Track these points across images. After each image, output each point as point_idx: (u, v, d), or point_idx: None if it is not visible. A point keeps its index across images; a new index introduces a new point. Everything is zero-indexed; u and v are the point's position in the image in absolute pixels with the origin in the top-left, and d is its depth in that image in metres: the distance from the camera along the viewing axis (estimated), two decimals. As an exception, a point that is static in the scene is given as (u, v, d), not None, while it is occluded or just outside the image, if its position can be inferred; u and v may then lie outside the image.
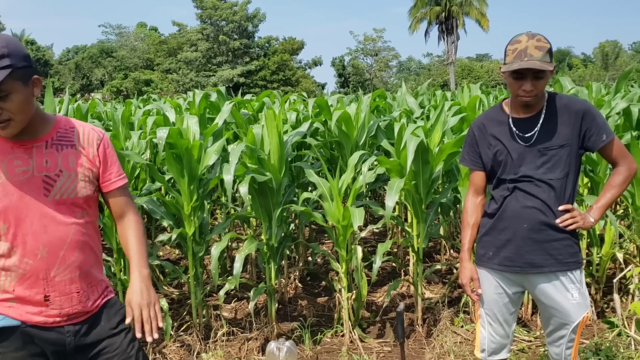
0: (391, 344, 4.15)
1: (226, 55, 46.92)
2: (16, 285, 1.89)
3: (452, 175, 4.55)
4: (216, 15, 45.77)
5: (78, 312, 1.97)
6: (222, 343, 4.07)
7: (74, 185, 1.94)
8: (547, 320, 2.65)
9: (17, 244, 1.87)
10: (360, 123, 4.82)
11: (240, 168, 3.90)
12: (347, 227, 3.98)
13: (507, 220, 2.58)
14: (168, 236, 4.38)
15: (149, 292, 2.00)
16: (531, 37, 2.41)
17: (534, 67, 2.34)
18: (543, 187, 2.51)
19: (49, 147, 1.92)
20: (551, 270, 2.53)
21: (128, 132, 4.95)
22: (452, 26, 47.99)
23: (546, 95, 2.57)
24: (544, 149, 2.50)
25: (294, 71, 48.39)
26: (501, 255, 2.61)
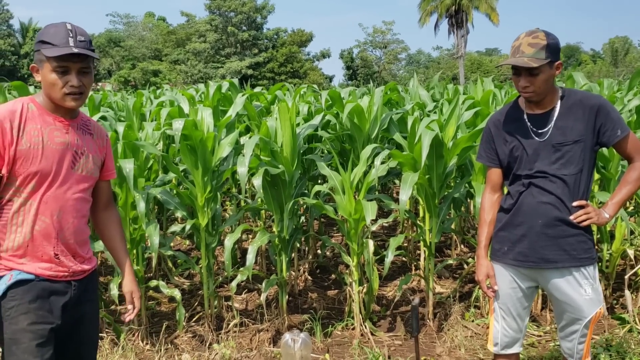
0: (402, 337, 4.16)
1: (234, 46, 46.86)
2: (30, 241, 2.10)
3: (465, 170, 4.54)
4: (225, 6, 45.68)
5: (79, 270, 2.23)
6: (233, 334, 4.09)
7: (91, 166, 2.25)
8: (560, 315, 2.66)
9: (41, 203, 2.10)
10: (373, 116, 4.81)
11: (254, 160, 3.91)
12: (358, 220, 3.98)
13: (522, 215, 2.59)
14: (180, 227, 4.41)
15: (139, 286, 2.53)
16: (529, 34, 2.44)
17: (518, 63, 2.39)
18: (557, 183, 2.51)
19: (79, 129, 2.23)
20: (565, 266, 2.54)
21: (140, 123, 4.97)
22: (462, 20, 47.70)
23: (560, 91, 2.58)
24: (558, 145, 2.50)
25: (302, 63, 48.26)
26: (516, 251, 2.62)
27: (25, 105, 2.12)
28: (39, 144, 2.08)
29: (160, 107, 5.55)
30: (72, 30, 2.08)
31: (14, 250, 2.10)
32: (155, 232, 3.74)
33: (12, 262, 2.09)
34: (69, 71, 2.07)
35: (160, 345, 3.96)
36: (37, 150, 2.07)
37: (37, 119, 2.11)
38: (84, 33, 2.13)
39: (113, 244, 2.47)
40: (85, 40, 2.10)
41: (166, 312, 4.75)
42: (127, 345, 3.94)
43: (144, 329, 4.15)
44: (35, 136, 2.08)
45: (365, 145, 4.66)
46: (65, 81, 2.07)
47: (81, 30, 2.12)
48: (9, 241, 2.09)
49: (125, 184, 3.78)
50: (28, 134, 2.07)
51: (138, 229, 3.96)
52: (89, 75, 2.13)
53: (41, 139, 2.09)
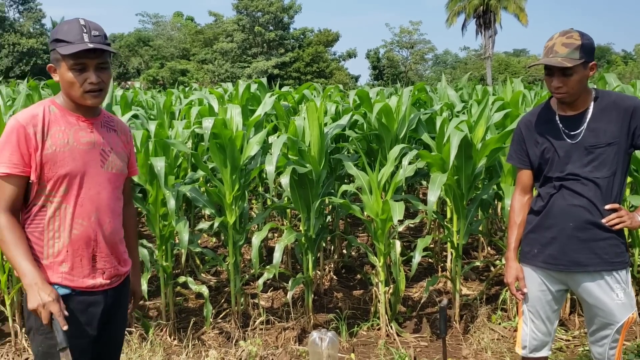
0: (428, 339, 4.15)
1: (261, 46, 47.07)
2: (69, 245, 2.07)
3: (494, 171, 4.50)
4: (252, 6, 45.91)
5: (115, 275, 2.21)
6: (259, 331, 4.13)
7: (120, 163, 2.23)
8: (591, 320, 2.62)
9: (76, 206, 2.07)
10: (401, 116, 4.79)
11: (282, 159, 3.93)
12: (385, 220, 3.98)
13: (553, 218, 2.56)
14: (208, 224, 4.46)
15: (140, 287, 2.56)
16: (563, 34, 2.42)
17: (552, 63, 2.35)
18: (589, 186, 2.48)
19: (103, 127, 2.20)
20: (596, 270, 2.51)
21: (171, 122, 5.03)
22: (489, 20, 47.20)
23: (593, 92, 2.54)
24: (590, 147, 2.47)
25: (327, 63, 48.26)
26: (546, 253, 2.59)
27: (47, 108, 2.08)
28: (65, 145, 2.05)
29: (190, 106, 5.61)
30: (86, 26, 2.03)
31: (54, 256, 2.06)
32: (185, 229, 3.79)
33: (51, 272, 2.05)
34: (86, 68, 2.03)
35: (187, 341, 4.01)
36: (64, 152, 2.04)
37: (61, 121, 2.07)
38: (98, 27, 2.07)
39: (129, 242, 2.41)
40: (100, 34, 2.05)
41: (193, 308, 4.80)
42: (156, 340, 4.00)
43: (172, 325, 4.21)
44: (61, 138, 2.04)
45: (393, 145, 4.65)
46: (84, 79, 2.03)
47: (95, 25, 2.07)
48: (48, 248, 2.06)
49: (156, 181, 3.84)
50: (53, 137, 2.03)
51: (168, 226, 4.01)
52: (106, 70, 2.09)
53: (67, 141, 2.05)
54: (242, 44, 46.94)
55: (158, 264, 4.14)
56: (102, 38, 2.05)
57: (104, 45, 2.03)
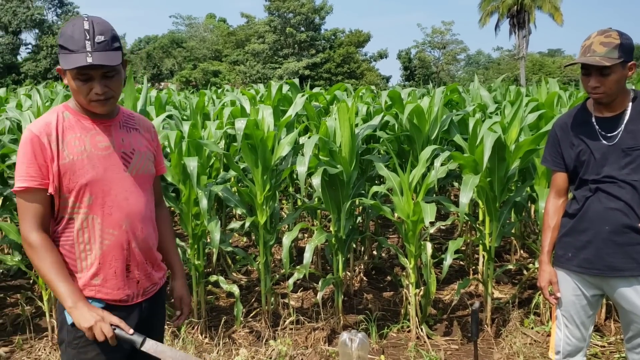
0: (458, 342, 4.11)
1: (292, 47, 47.29)
2: (101, 257, 1.96)
3: (527, 173, 4.43)
4: (284, 7, 46.16)
5: (150, 284, 2.12)
6: (290, 331, 4.14)
7: (145, 163, 2.10)
8: (628, 326, 2.57)
9: (104, 216, 1.95)
10: (433, 117, 4.77)
11: (313, 160, 3.94)
12: (417, 222, 3.96)
13: (588, 221, 2.51)
14: (239, 224, 4.50)
15: (189, 290, 2.41)
16: (601, 34, 2.37)
17: (589, 62, 2.31)
18: (627, 189, 2.42)
19: (121, 127, 2.07)
20: (633, 275, 2.45)
21: (204, 122, 5.09)
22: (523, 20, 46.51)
23: (632, 94, 2.49)
24: (628, 149, 2.41)
25: (359, 64, 48.21)
26: (581, 257, 2.55)
27: (60, 114, 1.96)
28: (83, 153, 1.92)
29: (223, 107, 5.67)
30: (90, 30, 1.85)
31: (87, 269, 1.97)
32: (217, 228, 3.83)
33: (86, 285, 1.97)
34: (91, 78, 1.88)
35: (218, 339, 4.05)
36: (82, 160, 1.92)
37: (76, 127, 1.95)
38: (104, 30, 1.88)
39: (164, 244, 2.29)
40: (105, 39, 1.86)
41: (224, 307, 4.85)
42: (187, 337, 4.05)
43: (203, 323, 4.26)
44: (77, 146, 1.92)
45: (424, 146, 4.62)
46: (89, 88, 1.89)
47: (101, 27, 1.88)
48: (80, 261, 1.97)
49: (189, 181, 3.89)
50: (69, 145, 1.91)
51: (200, 225, 4.07)
52: (115, 77, 1.92)
53: (84, 148, 1.93)
54: (274, 45, 47.24)
55: (190, 262, 4.20)
56: (108, 43, 1.87)
57: (107, 58, 1.85)
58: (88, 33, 1.84)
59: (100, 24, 1.88)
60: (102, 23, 1.89)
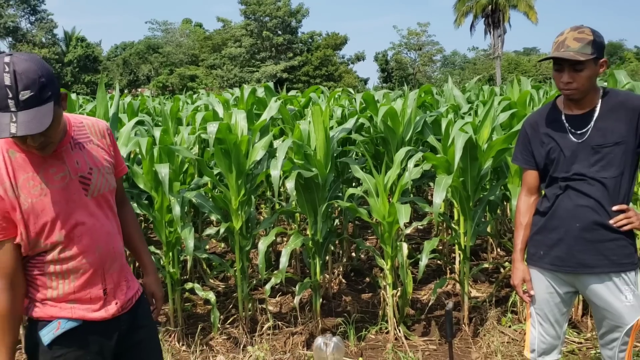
0: (436, 342, 4.11)
1: (270, 50, 47.21)
2: (76, 286, 1.91)
3: (501, 172, 4.46)
4: (260, 11, 46.06)
5: (127, 300, 2.05)
6: (267, 336, 4.12)
7: (106, 178, 2.00)
8: (600, 322, 2.58)
9: (74, 246, 1.88)
10: (407, 118, 4.78)
11: (287, 163, 3.93)
12: (392, 223, 3.96)
13: (559, 219, 2.53)
14: (215, 230, 4.45)
15: (161, 286, 2.38)
16: (574, 30, 2.38)
17: (564, 56, 2.31)
18: (596, 186, 2.44)
19: (73, 148, 1.93)
20: (604, 271, 2.46)
21: (177, 128, 5.05)
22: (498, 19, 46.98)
23: (601, 91, 2.50)
24: (597, 147, 2.43)
25: (336, 66, 48.31)
26: (552, 255, 2.56)
27: (6, 154, 1.80)
28: (41, 193, 1.81)
29: (195, 111, 5.62)
30: (12, 86, 1.60)
31: (61, 298, 1.90)
32: (191, 235, 3.78)
33: (58, 309, 1.90)
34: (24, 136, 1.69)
35: (195, 346, 4.01)
36: (42, 201, 1.81)
37: (26, 165, 1.81)
38: (29, 80, 1.62)
39: (132, 243, 2.27)
40: (31, 93, 1.62)
41: (202, 314, 4.80)
42: (164, 346, 4.00)
43: (180, 330, 4.21)
44: (33, 187, 1.80)
45: (399, 147, 4.63)
46: (24, 140, 1.74)
47: (27, 76, 1.62)
48: (53, 290, 1.90)
49: (160, 188, 3.84)
50: (24, 189, 1.79)
51: (174, 232, 4.02)
52: (50, 129, 1.73)
53: (40, 187, 1.81)
54: (251, 49, 47.12)
55: (165, 270, 4.15)
56: (36, 96, 1.63)
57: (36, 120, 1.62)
58: (10, 90, 1.60)
59: (26, 73, 1.62)
60: (27, 71, 1.62)
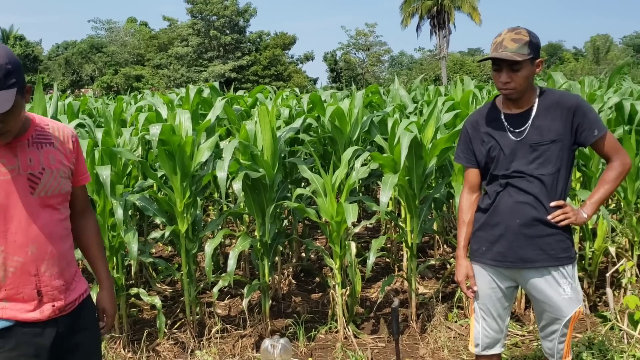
0: (385, 339, 4.15)
1: (217, 50, 46.74)
2: (7, 284, 1.86)
3: (445, 170, 4.54)
4: (207, 10, 45.54)
5: (67, 303, 1.99)
6: (215, 340, 4.06)
7: (57, 181, 1.96)
8: (540, 315, 2.66)
9: (7, 243, 1.85)
10: (354, 118, 4.81)
11: (234, 164, 3.88)
12: (340, 222, 3.97)
13: (499, 215, 2.58)
14: (161, 233, 4.36)
15: (115, 302, 2.31)
16: (511, 31, 2.44)
17: (502, 56, 2.37)
18: (535, 183, 2.50)
19: (31, 145, 1.92)
20: (543, 265, 2.53)
21: (119, 129, 4.92)
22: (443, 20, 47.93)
23: (538, 90, 2.58)
24: (535, 145, 2.50)
25: (285, 66, 48.27)
26: (494, 250, 2.61)
27: None
28: None
29: (139, 112, 5.50)
30: None
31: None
32: (134, 239, 3.69)
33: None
34: None
35: (141, 353, 3.91)
36: None
37: None
38: None
39: (90, 254, 2.24)
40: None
41: (148, 319, 4.69)
42: (108, 353, 3.89)
43: (126, 337, 4.10)
44: None
45: (346, 147, 4.65)
46: None
47: None
48: None
49: (102, 191, 3.73)
50: None
51: (117, 237, 3.91)
52: (12, 112, 1.74)
53: None
54: (198, 48, 46.54)
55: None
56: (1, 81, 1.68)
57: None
58: None
59: None
60: None
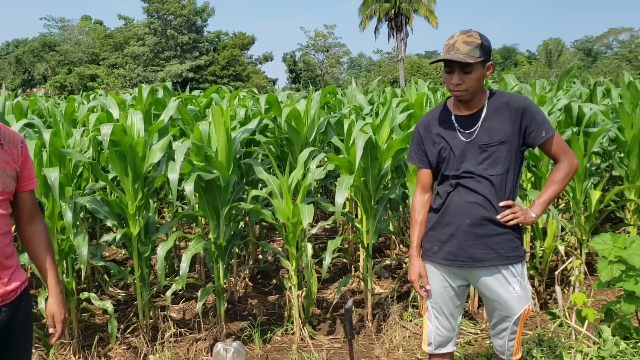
0: (341, 340, 4.15)
1: (174, 49, 46.10)
2: None
3: (400, 171, 4.59)
4: (164, 9, 44.88)
5: (8, 291, 2.07)
6: (169, 344, 3.99)
7: (3, 180, 2.04)
8: (491, 313, 2.71)
9: None
10: (310, 119, 4.81)
11: (187, 166, 3.82)
12: (296, 224, 3.96)
13: (450, 215, 2.62)
14: (113, 236, 4.26)
15: (65, 308, 2.31)
16: (464, 33, 2.48)
17: (454, 59, 2.40)
18: (484, 183, 2.54)
19: None
20: (493, 264, 2.58)
21: (70, 130, 4.79)
22: (401, 23, 48.44)
23: (488, 92, 2.62)
24: (484, 146, 2.54)
25: (244, 66, 47.97)
26: (445, 250, 2.65)
27: None
28: None
29: (90, 112, 5.37)
30: None
31: None
32: (84, 242, 3.59)
33: None
34: None
35: (92, 358, 3.82)
36: None
37: None
38: None
39: (39, 260, 2.27)
40: None
41: (101, 324, 4.58)
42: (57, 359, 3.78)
43: (76, 342, 3.99)
44: None
45: (303, 148, 4.65)
46: None
47: None
48: None
49: (51, 193, 3.62)
50: None
51: (66, 240, 3.80)
52: None
53: None
54: (155, 48, 45.81)
55: (58, 280, 3.91)
56: None
57: None
58: None
59: None
60: None
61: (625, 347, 3.37)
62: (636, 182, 4.79)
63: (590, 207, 4.56)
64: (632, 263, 3.26)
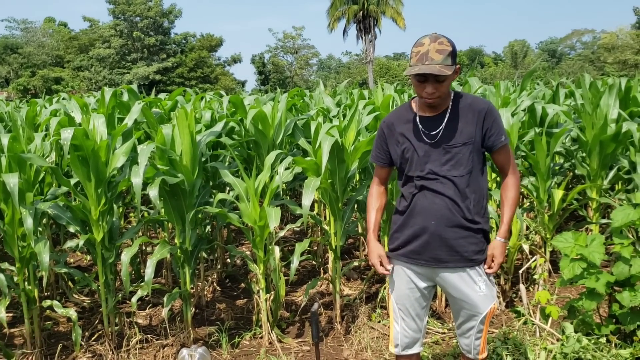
0: (310, 343, 4.14)
1: (141, 52, 45.50)
2: None
3: (367, 172, 4.60)
4: (130, 11, 44.26)
5: None
6: (135, 351, 3.92)
7: None
8: (457, 313, 2.73)
9: None
10: (277, 122, 4.79)
11: (150, 170, 3.76)
12: (264, 227, 3.94)
13: (416, 217, 2.63)
14: (76, 242, 4.18)
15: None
16: (434, 40, 2.46)
17: (433, 72, 2.40)
18: (448, 184, 2.56)
19: None
20: (457, 266, 2.60)
21: (32, 134, 4.68)
22: (369, 25, 48.69)
23: (452, 94, 2.64)
24: (448, 147, 2.56)
25: (212, 68, 47.63)
26: (409, 248, 2.66)
27: None
28: None
29: (52, 116, 5.25)
30: None
31: None
32: (45, 249, 3.51)
33: None
34: None
35: (56, 368, 3.73)
36: None
37: None
38: None
39: None
40: None
41: (65, 332, 4.49)
42: (19, 371, 3.68)
43: (39, 352, 3.91)
44: None
45: (270, 151, 4.63)
46: None
47: None
48: None
49: (10, 199, 3.53)
50: None
51: (27, 247, 3.72)
52: None
53: None
54: (121, 50, 45.15)
55: (19, 288, 3.82)
56: None
57: None
58: None
59: None
60: None
61: (587, 344, 3.43)
62: (597, 181, 4.89)
63: (554, 206, 4.64)
64: (593, 261, 3.32)
